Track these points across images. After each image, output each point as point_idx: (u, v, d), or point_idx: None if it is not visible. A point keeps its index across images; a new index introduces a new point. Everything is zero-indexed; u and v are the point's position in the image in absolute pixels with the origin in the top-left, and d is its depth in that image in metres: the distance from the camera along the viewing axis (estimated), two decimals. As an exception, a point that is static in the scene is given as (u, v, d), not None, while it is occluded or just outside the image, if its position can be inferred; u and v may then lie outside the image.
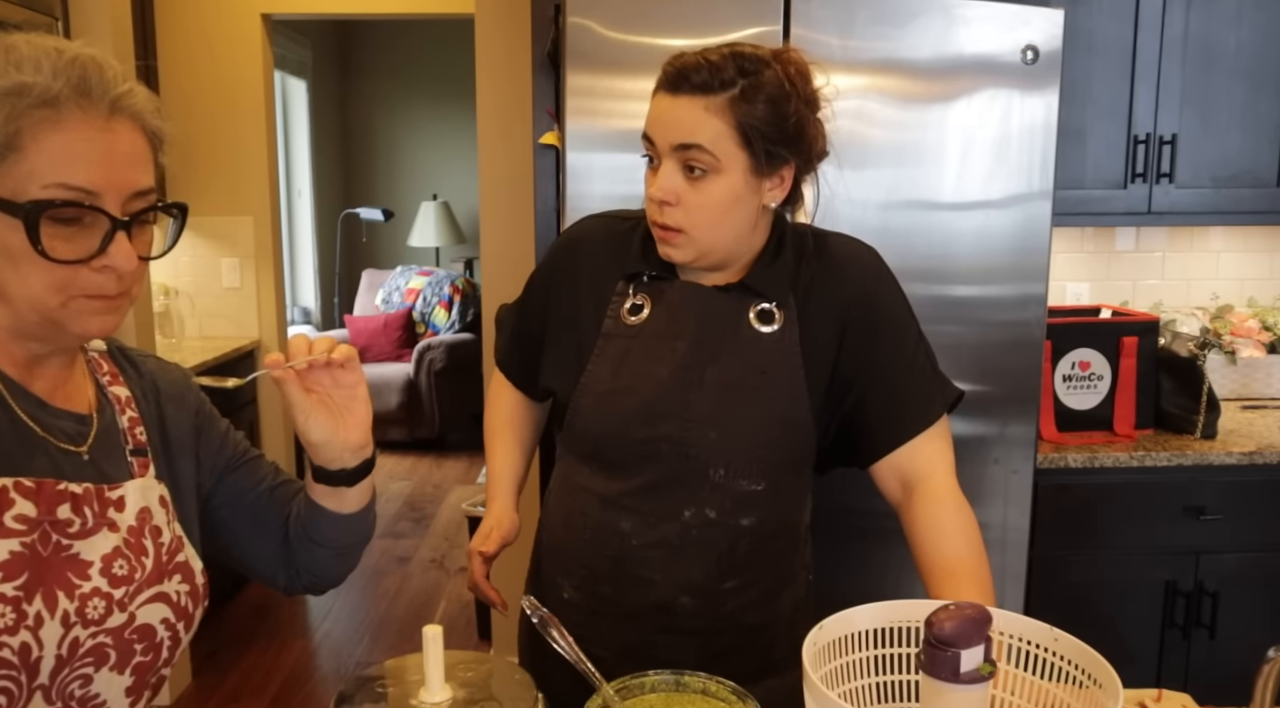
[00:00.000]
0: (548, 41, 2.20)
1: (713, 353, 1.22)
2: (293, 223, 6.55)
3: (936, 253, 1.91)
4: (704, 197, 1.17)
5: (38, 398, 0.92)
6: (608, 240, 1.31)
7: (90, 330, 0.89)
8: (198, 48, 3.75)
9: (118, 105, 0.87)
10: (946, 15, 1.84)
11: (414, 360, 5.88)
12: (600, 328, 1.26)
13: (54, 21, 2.55)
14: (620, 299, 1.27)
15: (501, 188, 2.94)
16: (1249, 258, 2.89)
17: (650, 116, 1.19)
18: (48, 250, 0.83)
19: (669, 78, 1.17)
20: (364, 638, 3.50)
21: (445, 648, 0.92)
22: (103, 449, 0.95)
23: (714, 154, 1.15)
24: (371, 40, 7.21)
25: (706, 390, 1.21)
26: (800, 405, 1.22)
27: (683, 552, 1.23)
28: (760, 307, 1.23)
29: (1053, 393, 2.34)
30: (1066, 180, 2.40)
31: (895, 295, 1.28)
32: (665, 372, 1.22)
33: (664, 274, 1.26)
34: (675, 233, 1.18)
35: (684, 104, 1.16)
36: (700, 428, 1.21)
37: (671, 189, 1.17)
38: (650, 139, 1.19)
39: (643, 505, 1.23)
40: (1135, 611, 2.30)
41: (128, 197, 0.87)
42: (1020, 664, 0.95)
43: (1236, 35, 2.45)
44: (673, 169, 1.17)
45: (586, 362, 1.26)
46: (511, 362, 1.44)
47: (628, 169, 1.81)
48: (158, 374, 1.07)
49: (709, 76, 1.14)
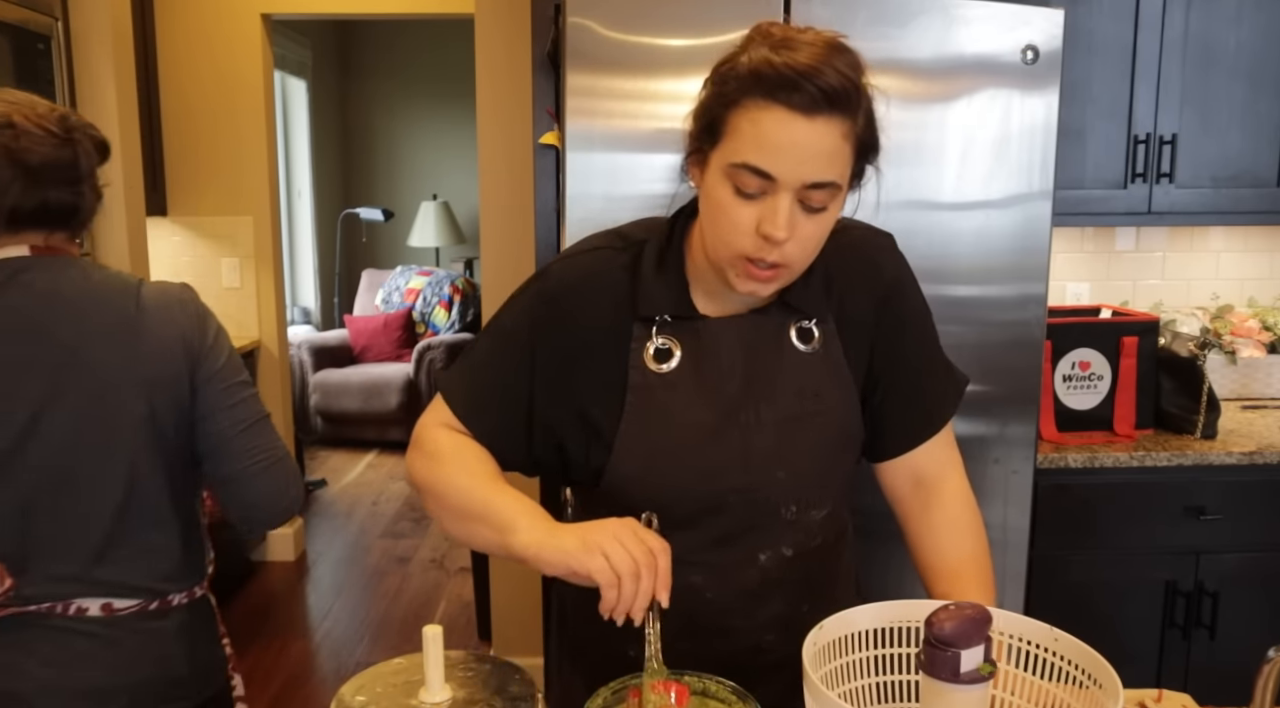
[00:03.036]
0: (548, 41, 2.20)
1: (764, 387, 1.10)
2: (293, 223, 6.55)
3: (936, 253, 1.91)
4: (816, 229, 1.00)
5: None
6: (613, 277, 1.11)
7: None
8: (198, 48, 3.75)
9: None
10: (946, 15, 1.84)
11: (414, 360, 5.88)
12: (625, 381, 1.10)
13: (54, 21, 2.55)
14: (639, 345, 1.10)
15: (501, 188, 2.94)
16: (1249, 258, 2.89)
17: (769, 143, 0.95)
18: None
19: (798, 90, 0.93)
20: (364, 638, 3.50)
21: (445, 648, 0.92)
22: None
23: (840, 186, 0.99)
24: (371, 40, 7.22)
25: (766, 431, 1.10)
26: (855, 418, 1.16)
27: (762, 595, 1.13)
28: (800, 324, 1.13)
29: (1053, 393, 2.34)
30: (1066, 180, 2.40)
31: (915, 283, 1.21)
32: (714, 419, 1.09)
33: (685, 313, 1.10)
34: (777, 270, 1.01)
35: (822, 131, 0.95)
36: (767, 471, 1.10)
37: (791, 227, 0.97)
38: (764, 172, 0.96)
39: (713, 558, 1.11)
40: (1135, 611, 2.30)
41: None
42: (1020, 664, 0.95)
43: (1236, 35, 2.45)
44: (791, 204, 0.97)
45: (616, 422, 1.09)
46: (481, 424, 1.12)
47: (628, 169, 1.81)
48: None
49: (853, 92, 0.95)
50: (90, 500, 1.27)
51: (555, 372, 1.11)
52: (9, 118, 1.23)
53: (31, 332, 1.24)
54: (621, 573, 0.91)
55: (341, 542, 4.47)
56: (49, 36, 2.53)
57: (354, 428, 5.95)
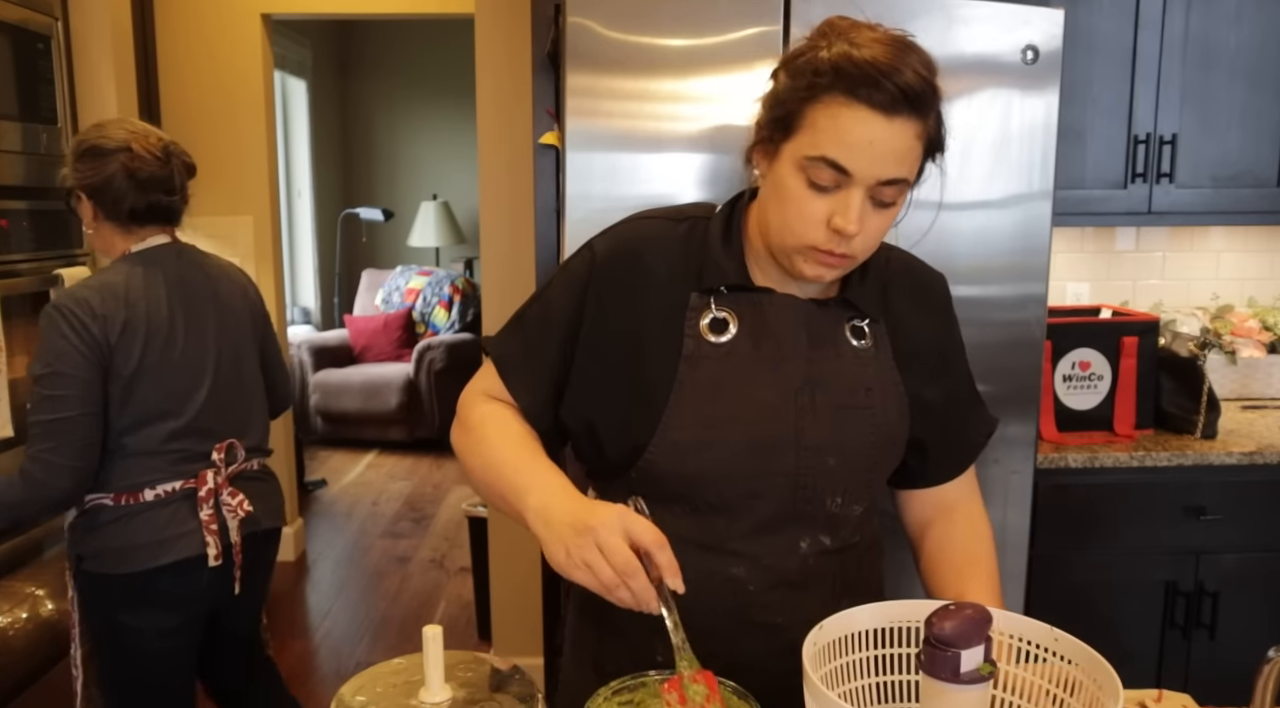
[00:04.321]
0: (548, 41, 2.20)
1: (820, 373, 1.10)
2: (293, 223, 6.56)
3: (936, 253, 1.91)
4: (883, 223, 1.02)
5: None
6: (672, 246, 1.12)
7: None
8: (198, 48, 3.75)
9: None
10: (946, 15, 1.84)
11: (414, 360, 5.88)
12: (680, 349, 1.08)
13: (54, 21, 2.55)
14: (696, 314, 1.09)
15: (501, 188, 2.94)
16: (1249, 258, 2.89)
17: (849, 140, 0.96)
18: None
19: (880, 88, 0.95)
20: (364, 638, 3.50)
21: (445, 648, 0.92)
22: None
23: (909, 181, 1.01)
24: (371, 40, 7.22)
25: (820, 415, 1.08)
26: (902, 424, 1.15)
27: (803, 587, 1.12)
28: (854, 323, 1.13)
29: (1053, 393, 2.34)
30: (1066, 180, 2.40)
31: (957, 322, 1.24)
32: (774, 396, 1.08)
33: (748, 285, 1.10)
34: (844, 258, 1.03)
35: (899, 131, 0.97)
36: (818, 456, 1.08)
37: (862, 221, 1.00)
38: (842, 167, 0.97)
39: (755, 547, 1.09)
40: (1135, 611, 2.30)
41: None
42: (1020, 664, 0.95)
43: (1236, 35, 2.45)
44: (864, 199, 0.99)
45: (667, 391, 1.07)
46: (529, 387, 1.14)
47: (628, 169, 1.81)
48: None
49: (930, 93, 0.98)
50: (249, 396, 1.98)
51: (605, 335, 1.11)
52: (128, 144, 1.79)
53: (203, 291, 1.90)
54: (606, 585, 0.91)
55: (341, 542, 4.48)
56: (49, 36, 2.53)
57: (354, 428, 5.95)
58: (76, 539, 1.81)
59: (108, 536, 1.77)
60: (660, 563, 0.92)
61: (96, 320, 1.71)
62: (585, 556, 0.91)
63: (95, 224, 1.84)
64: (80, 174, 1.80)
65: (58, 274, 2.50)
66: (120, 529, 1.77)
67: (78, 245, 2.64)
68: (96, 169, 1.78)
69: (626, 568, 0.90)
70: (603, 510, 0.93)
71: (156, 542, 1.78)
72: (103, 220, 1.83)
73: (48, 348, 1.69)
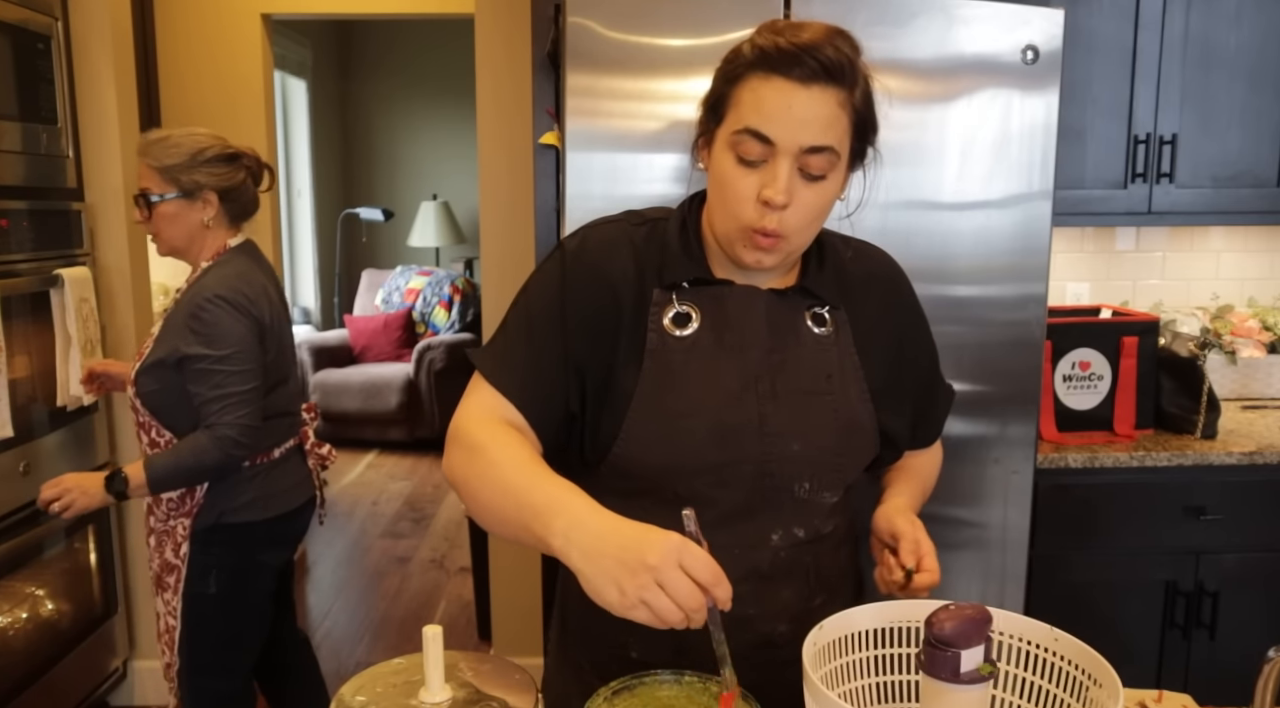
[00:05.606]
0: (548, 41, 2.20)
1: (781, 360, 1.12)
2: (293, 223, 6.56)
3: (936, 253, 1.91)
4: (815, 198, 1.04)
5: None
6: (634, 247, 1.14)
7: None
8: (198, 48, 3.75)
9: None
10: (946, 15, 1.84)
11: (414, 360, 5.88)
12: (643, 344, 1.11)
13: (54, 21, 2.55)
14: (659, 309, 1.12)
15: (501, 188, 2.94)
16: (1249, 258, 2.89)
17: (767, 109, 1.00)
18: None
19: (798, 63, 0.99)
20: (364, 638, 3.50)
21: (445, 648, 0.92)
22: None
23: (838, 154, 1.03)
24: (371, 40, 7.22)
25: (782, 401, 1.11)
26: (865, 408, 1.17)
27: (774, 579, 1.13)
28: (814, 310, 1.16)
29: (1053, 393, 2.34)
30: (1066, 180, 2.40)
31: (919, 303, 1.28)
32: (736, 385, 1.10)
33: (708, 278, 1.13)
34: (775, 239, 1.05)
35: (818, 98, 1.00)
36: (782, 441, 1.11)
37: (790, 192, 1.02)
38: (764, 136, 1.01)
39: (724, 537, 1.06)
40: (1135, 611, 2.30)
41: None
42: (1020, 664, 0.95)
43: (1236, 35, 2.45)
44: (790, 170, 1.02)
45: (632, 384, 1.10)
46: (519, 384, 1.11)
47: (628, 169, 1.81)
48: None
49: (849, 67, 1.00)
50: (290, 369, 2.17)
51: (586, 330, 1.12)
52: (244, 151, 2.06)
53: (272, 275, 2.13)
54: (669, 622, 0.85)
55: (341, 542, 4.48)
56: (49, 36, 2.53)
57: (354, 428, 5.95)
58: (214, 499, 2.00)
59: (255, 488, 2.05)
60: (718, 597, 0.87)
61: (254, 305, 1.97)
62: (644, 595, 0.84)
63: (213, 222, 2.03)
64: (217, 177, 2.00)
65: (58, 274, 2.50)
66: (263, 482, 2.06)
67: (77, 245, 2.64)
68: (230, 173, 2.02)
69: (694, 604, 0.85)
70: (657, 544, 0.86)
71: (289, 489, 2.12)
72: (221, 219, 2.04)
73: (226, 331, 1.92)
